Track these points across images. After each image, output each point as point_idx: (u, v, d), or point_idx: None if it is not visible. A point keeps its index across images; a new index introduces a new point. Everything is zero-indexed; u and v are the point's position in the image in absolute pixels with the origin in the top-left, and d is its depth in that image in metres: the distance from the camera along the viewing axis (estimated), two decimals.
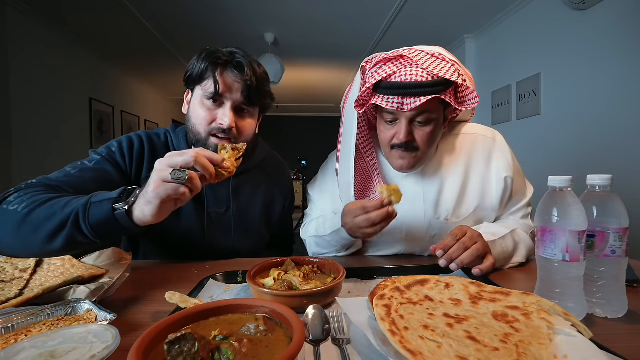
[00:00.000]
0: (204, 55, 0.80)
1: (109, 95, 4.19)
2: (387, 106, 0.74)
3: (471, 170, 0.87)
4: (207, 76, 0.79)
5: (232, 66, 0.79)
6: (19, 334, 0.46)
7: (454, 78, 0.71)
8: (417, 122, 0.77)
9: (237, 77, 0.78)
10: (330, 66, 4.63)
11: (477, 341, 0.40)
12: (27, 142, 2.88)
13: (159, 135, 0.91)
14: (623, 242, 0.53)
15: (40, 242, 0.58)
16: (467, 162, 0.87)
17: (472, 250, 0.70)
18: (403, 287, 0.54)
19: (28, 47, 2.85)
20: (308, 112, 8.10)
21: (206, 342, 0.37)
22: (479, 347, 0.39)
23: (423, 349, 0.38)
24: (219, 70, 0.78)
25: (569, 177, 0.53)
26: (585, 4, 2.08)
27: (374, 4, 2.81)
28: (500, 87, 2.98)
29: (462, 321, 0.45)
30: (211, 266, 0.84)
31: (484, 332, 0.42)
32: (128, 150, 0.83)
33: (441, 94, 0.72)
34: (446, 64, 0.75)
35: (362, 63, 0.81)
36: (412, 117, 0.76)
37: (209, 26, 3.25)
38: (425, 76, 0.71)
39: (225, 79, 0.78)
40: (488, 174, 0.87)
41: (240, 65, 0.79)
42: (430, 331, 0.42)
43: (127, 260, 0.73)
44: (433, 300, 0.51)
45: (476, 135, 0.89)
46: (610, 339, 0.45)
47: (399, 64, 0.74)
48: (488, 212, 0.88)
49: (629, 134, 1.90)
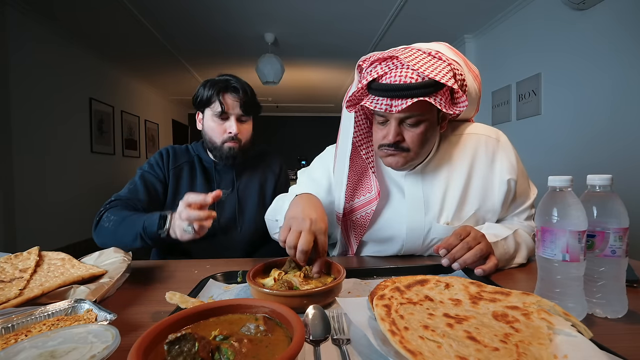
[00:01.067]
0: (209, 85, 1.08)
1: (109, 95, 4.19)
2: (376, 108, 0.73)
3: (474, 171, 0.85)
4: (214, 100, 1.06)
5: (231, 90, 1.07)
6: (19, 334, 0.46)
7: (444, 80, 0.69)
8: (407, 124, 0.76)
9: (235, 97, 1.07)
10: (330, 66, 4.64)
11: (477, 341, 0.40)
12: (27, 141, 2.88)
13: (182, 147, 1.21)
14: (623, 242, 0.53)
15: (128, 244, 0.88)
16: (469, 163, 0.85)
17: (475, 250, 0.69)
18: (403, 287, 0.54)
19: (28, 47, 2.85)
20: (308, 112, 8.10)
21: (206, 342, 0.37)
22: (479, 347, 0.39)
23: (423, 349, 0.38)
24: (222, 95, 1.06)
25: (569, 177, 0.53)
26: (585, 4, 2.08)
27: (374, 4, 2.81)
28: (500, 87, 2.98)
29: (462, 321, 0.45)
30: (211, 266, 0.85)
31: (484, 332, 0.42)
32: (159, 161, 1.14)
33: (431, 95, 0.70)
34: (442, 63, 0.72)
35: (358, 62, 0.80)
36: (402, 119, 0.75)
37: (209, 27, 3.25)
38: (415, 77, 0.70)
39: (227, 100, 1.07)
40: (491, 176, 0.85)
41: (236, 89, 1.08)
42: (430, 331, 0.42)
43: (127, 260, 0.74)
44: (433, 300, 0.51)
45: (479, 136, 0.87)
46: (611, 339, 0.45)
47: (391, 65, 0.73)
48: (489, 215, 0.87)
49: (629, 134, 1.90)
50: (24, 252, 0.73)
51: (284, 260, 0.71)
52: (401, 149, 0.78)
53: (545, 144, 2.49)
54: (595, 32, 2.08)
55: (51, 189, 3.18)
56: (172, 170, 1.13)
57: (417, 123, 0.75)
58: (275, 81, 3.71)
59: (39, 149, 3.01)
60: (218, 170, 1.17)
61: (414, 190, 0.86)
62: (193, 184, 1.14)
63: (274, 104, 7.27)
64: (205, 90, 1.08)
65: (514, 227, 0.84)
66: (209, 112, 1.10)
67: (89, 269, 0.69)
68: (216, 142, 1.10)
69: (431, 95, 0.70)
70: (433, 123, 0.78)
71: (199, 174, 1.15)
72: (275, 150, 1.33)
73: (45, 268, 0.69)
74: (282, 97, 6.65)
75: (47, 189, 3.14)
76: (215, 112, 1.07)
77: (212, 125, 1.09)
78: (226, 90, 1.07)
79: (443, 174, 0.86)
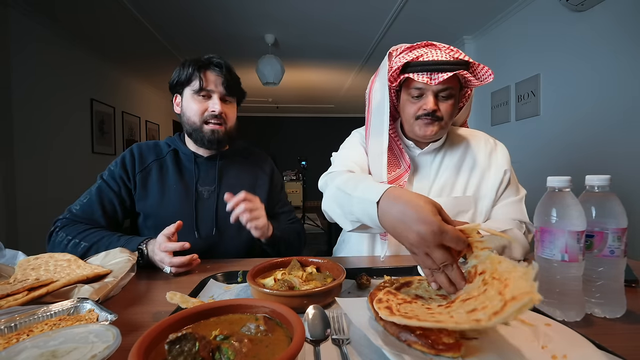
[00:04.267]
0: (188, 63, 0.97)
1: (110, 96, 4.20)
2: (418, 79, 0.84)
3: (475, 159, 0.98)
4: (194, 77, 0.96)
5: (212, 65, 0.97)
6: (21, 333, 0.46)
7: (471, 60, 0.85)
8: (442, 96, 0.88)
9: (218, 73, 0.97)
10: (330, 67, 4.64)
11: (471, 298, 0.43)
12: (29, 141, 2.88)
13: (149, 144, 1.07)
14: (622, 242, 0.53)
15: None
16: (472, 152, 0.99)
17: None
18: (394, 290, 0.56)
19: (29, 48, 2.86)
20: (308, 112, 8.10)
21: (207, 342, 0.37)
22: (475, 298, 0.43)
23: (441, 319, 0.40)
24: (202, 71, 0.96)
25: (568, 178, 0.53)
26: (584, 5, 2.08)
27: (374, 4, 2.81)
28: (499, 88, 2.99)
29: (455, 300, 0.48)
30: (212, 266, 0.85)
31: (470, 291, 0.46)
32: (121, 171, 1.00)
33: (462, 71, 0.84)
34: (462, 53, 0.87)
35: (389, 50, 0.92)
36: (437, 91, 0.87)
37: (209, 27, 3.25)
38: (449, 57, 0.84)
39: (208, 76, 0.97)
40: (489, 165, 0.98)
41: (219, 64, 0.98)
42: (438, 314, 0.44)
43: (133, 259, 0.74)
44: (424, 298, 0.53)
45: (480, 136, 1.03)
46: (609, 338, 0.46)
47: (425, 49, 0.87)
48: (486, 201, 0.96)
49: (628, 135, 1.90)
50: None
51: (289, 261, 0.71)
52: (437, 118, 0.88)
53: (544, 144, 2.49)
54: (594, 34, 2.08)
55: (52, 189, 3.18)
56: (138, 175, 1.00)
57: (449, 96, 0.87)
58: (276, 82, 3.71)
59: (41, 149, 3.02)
60: (198, 163, 1.04)
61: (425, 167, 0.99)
62: (164, 182, 1.00)
63: (274, 105, 7.27)
64: (184, 69, 0.97)
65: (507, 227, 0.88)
66: (188, 91, 0.98)
67: (93, 269, 0.69)
68: (196, 123, 0.97)
69: (462, 72, 0.83)
70: (457, 100, 0.91)
71: (172, 169, 1.01)
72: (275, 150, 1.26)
73: (52, 269, 0.70)
74: (282, 98, 6.65)
75: (49, 188, 3.14)
76: (194, 89, 0.96)
77: (191, 104, 0.97)
78: (207, 67, 0.97)
79: (450, 157, 0.99)
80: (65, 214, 0.95)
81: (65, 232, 0.89)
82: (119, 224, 1.00)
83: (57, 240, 0.89)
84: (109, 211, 0.96)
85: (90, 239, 0.87)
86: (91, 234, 0.88)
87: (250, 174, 1.11)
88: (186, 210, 0.99)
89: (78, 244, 0.86)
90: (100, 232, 0.89)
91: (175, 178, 1.01)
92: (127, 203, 0.99)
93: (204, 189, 1.03)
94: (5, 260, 0.78)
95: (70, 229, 0.90)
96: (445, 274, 0.50)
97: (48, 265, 0.70)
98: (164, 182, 1.01)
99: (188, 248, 0.78)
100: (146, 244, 0.83)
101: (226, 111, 1.00)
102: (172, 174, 1.01)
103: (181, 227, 0.82)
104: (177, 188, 1.00)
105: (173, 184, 1.00)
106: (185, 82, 0.97)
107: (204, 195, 1.03)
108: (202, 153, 1.06)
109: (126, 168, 0.99)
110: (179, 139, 1.07)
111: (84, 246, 0.86)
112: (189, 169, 1.04)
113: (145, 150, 1.04)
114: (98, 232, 0.89)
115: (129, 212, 1.02)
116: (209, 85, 0.96)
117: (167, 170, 1.02)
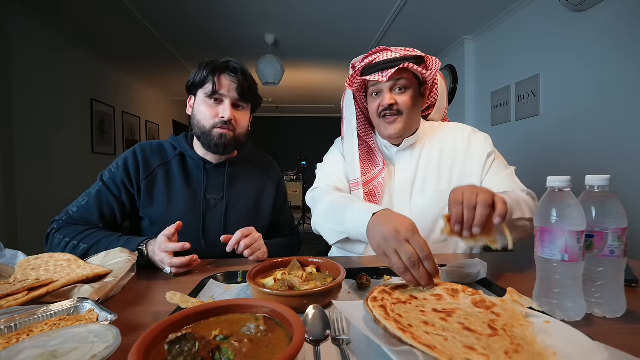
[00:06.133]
0: (205, 65, 0.96)
1: (110, 96, 4.20)
2: (372, 78, 0.92)
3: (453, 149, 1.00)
4: (208, 80, 0.95)
5: (228, 70, 0.96)
6: (21, 333, 0.46)
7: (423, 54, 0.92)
8: (397, 90, 0.94)
9: (232, 78, 0.96)
10: (331, 67, 4.64)
11: (472, 331, 0.43)
12: (29, 141, 2.88)
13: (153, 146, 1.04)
14: (622, 242, 0.53)
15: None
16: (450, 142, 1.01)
17: (481, 204, 0.64)
18: (389, 289, 0.56)
19: (29, 48, 2.86)
20: (308, 112, 8.10)
21: (207, 342, 0.37)
22: (477, 336, 0.42)
23: (434, 343, 0.39)
24: (217, 74, 0.95)
25: (568, 178, 0.53)
26: (585, 5, 2.08)
27: (374, 4, 2.81)
28: (499, 88, 2.98)
29: (451, 314, 0.48)
30: (212, 266, 0.85)
31: (473, 321, 0.45)
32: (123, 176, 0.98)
33: (409, 64, 0.90)
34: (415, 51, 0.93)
35: (351, 63, 0.99)
36: (392, 86, 0.93)
37: (209, 27, 3.25)
38: (398, 55, 0.91)
39: (222, 80, 0.95)
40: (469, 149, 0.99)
41: (235, 69, 0.96)
42: (431, 326, 0.44)
43: (133, 259, 0.74)
44: (418, 299, 0.54)
45: (457, 125, 1.06)
46: (609, 338, 0.46)
47: (379, 53, 0.94)
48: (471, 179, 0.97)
49: (627, 135, 1.90)
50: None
51: (289, 261, 0.71)
52: (396, 112, 0.94)
53: (544, 144, 2.49)
54: (594, 34, 2.08)
55: (53, 189, 3.18)
56: (143, 182, 0.96)
57: (405, 88, 0.93)
58: (276, 82, 3.71)
59: (41, 150, 3.02)
60: (207, 170, 1.02)
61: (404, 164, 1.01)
62: (170, 189, 0.98)
63: (274, 105, 7.27)
64: (201, 71, 0.96)
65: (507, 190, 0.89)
66: (201, 94, 0.97)
67: (94, 269, 0.69)
68: (205, 127, 0.96)
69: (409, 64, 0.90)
70: (417, 94, 0.96)
71: (178, 175, 0.99)
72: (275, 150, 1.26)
73: (52, 269, 0.70)
74: (283, 98, 6.65)
75: (49, 189, 3.14)
76: (207, 93, 0.94)
77: (202, 108, 0.96)
78: (223, 70, 0.95)
79: (429, 150, 1.01)
80: (62, 216, 0.93)
81: (62, 233, 0.89)
82: (117, 227, 0.99)
83: (55, 242, 0.88)
84: (107, 215, 0.95)
85: (89, 240, 0.86)
86: (90, 235, 0.88)
87: (257, 182, 1.09)
88: (193, 219, 0.98)
89: (77, 245, 0.86)
90: (99, 233, 0.89)
91: (182, 185, 0.98)
92: (127, 208, 0.98)
93: (211, 197, 1.01)
94: (5, 260, 0.78)
95: (67, 230, 0.89)
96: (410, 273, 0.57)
97: (48, 265, 0.70)
98: (170, 189, 0.98)
99: (188, 248, 0.78)
100: (146, 244, 0.83)
101: (237, 117, 0.98)
102: (179, 181, 0.98)
103: (181, 228, 0.81)
104: (184, 196, 0.98)
105: (180, 192, 0.98)
106: (200, 84, 0.96)
107: (211, 203, 1.01)
108: (211, 159, 1.03)
109: (129, 173, 0.96)
110: (186, 141, 1.04)
111: (83, 248, 0.86)
112: (197, 176, 1.01)
113: (150, 153, 1.00)
114: (97, 233, 0.89)
115: (129, 215, 1.01)
116: (222, 90, 0.94)
117: (174, 176, 0.99)
